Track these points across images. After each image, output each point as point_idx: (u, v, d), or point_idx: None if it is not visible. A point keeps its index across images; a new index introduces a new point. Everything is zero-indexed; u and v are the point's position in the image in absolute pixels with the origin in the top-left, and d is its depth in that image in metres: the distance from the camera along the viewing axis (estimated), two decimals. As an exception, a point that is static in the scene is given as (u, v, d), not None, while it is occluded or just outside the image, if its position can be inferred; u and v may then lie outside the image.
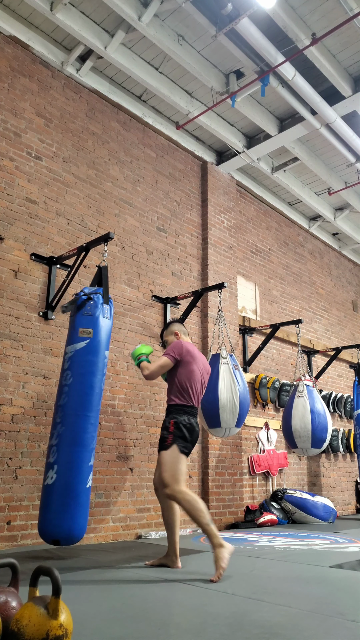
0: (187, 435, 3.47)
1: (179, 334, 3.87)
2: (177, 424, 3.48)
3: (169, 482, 3.33)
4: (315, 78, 5.80)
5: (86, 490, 3.68)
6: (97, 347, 3.86)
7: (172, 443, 3.43)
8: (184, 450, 3.44)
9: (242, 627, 2.11)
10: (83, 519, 3.65)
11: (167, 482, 3.33)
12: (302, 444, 5.89)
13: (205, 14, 4.94)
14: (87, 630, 2.05)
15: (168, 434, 3.47)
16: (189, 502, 3.25)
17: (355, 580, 3.06)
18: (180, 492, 3.30)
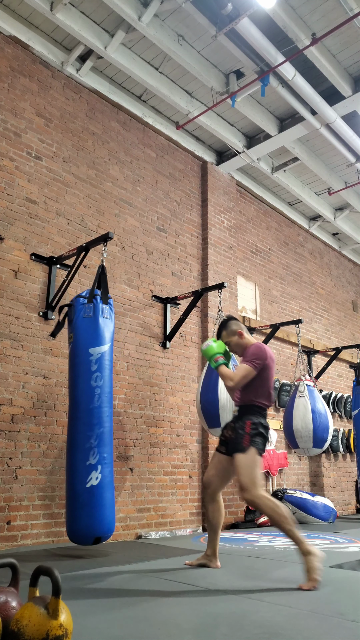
0: (263, 435, 3.29)
1: (243, 334, 3.54)
2: (254, 425, 3.28)
3: (248, 486, 3.13)
4: (315, 78, 5.80)
5: (87, 489, 3.68)
6: (78, 347, 3.93)
7: (250, 445, 3.22)
8: (261, 451, 3.26)
9: (242, 627, 2.11)
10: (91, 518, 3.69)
11: (246, 487, 3.14)
12: (303, 444, 5.88)
13: (205, 14, 4.94)
14: (87, 630, 2.05)
15: (244, 434, 3.25)
16: (271, 508, 3.07)
17: (355, 580, 3.06)
18: (261, 497, 3.11)
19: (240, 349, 3.54)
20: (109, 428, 3.89)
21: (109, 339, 3.99)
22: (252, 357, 3.36)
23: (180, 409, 5.96)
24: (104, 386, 3.89)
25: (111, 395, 3.97)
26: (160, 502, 5.50)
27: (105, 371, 3.93)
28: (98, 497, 3.71)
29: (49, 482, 4.56)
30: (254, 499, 3.12)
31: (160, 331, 5.97)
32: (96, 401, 3.85)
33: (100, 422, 3.84)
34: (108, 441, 3.86)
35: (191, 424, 6.04)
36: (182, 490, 5.75)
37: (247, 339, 3.54)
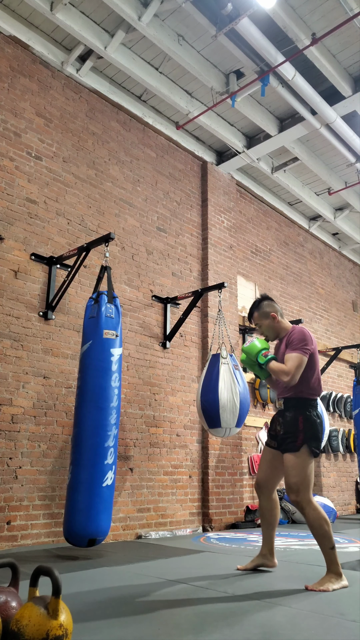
0: (319, 432, 3.02)
1: (276, 317, 3.27)
2: (308, 420, 3.01)
3: (299, 488, 2.93)
4: (315, 78, 5.80)
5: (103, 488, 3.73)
6: (101, 346, 3.95)
7: (303, 443, 2.98)
8: (315, 451, 3.02)
9: (242, 627, 2.11)
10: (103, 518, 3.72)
11: (295, 489, 2.94)
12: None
13: (205, 14, 4.94)
14: (87, 630, 2.05)
15: (298, 432, 3.00)
16: (317, 519, 2.90)
17: (355, 580, 3.06)
18: (312, 503, 2.91)
19: (273, 333, 3.29)
20: (118, 429, 4.00)
21: (121, 342, 4.11)
22: (300, 343, 3.08)
23: (180, 409, 5.96)
24: (119, 388, 4.01)
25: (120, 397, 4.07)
26: (160, 502, 5.50)
27: (120, 373, 4.05)
28: (111, 497, 3.80)
29: (49, 482, 4.56)
30: (302, 504, 2.94)
31: (160, 331, 5.97)
32: (115, 401, 3.93)
33: (117, 423, 3.93)
34: (117, 442, 3.95)
35: (191, 424, 6.04)
36: (182, 490, 5.75)
37: (282, 322, 3.27)
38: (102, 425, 3.82)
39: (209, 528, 5.81)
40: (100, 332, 3.96)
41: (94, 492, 3.69)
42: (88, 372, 3.95)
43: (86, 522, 3.69)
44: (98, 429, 3.82)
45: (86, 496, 3.70)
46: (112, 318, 4.02)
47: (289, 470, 3.00)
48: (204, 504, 5.91)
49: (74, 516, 3.69)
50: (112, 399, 3.89)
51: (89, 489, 3.71)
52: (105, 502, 3.72)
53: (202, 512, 5.86)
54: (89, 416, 3.87)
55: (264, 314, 3.29)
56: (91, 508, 3.70)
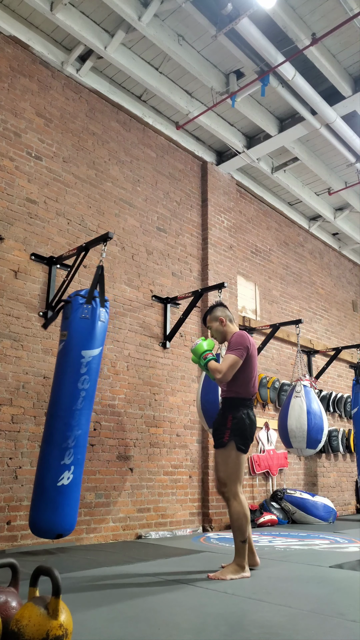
0: (247, 431, 3.25)
1: (224, 321, 3.55)
2: (236, 419, 3.24)
3: (226, 481, 3.18)
4: (315, 78, 5.80)
5: (57, 487, 3.66)
6: (70, 347, 3.87)
7: (230, 440, 3.21)
8: (241, 447, 3.23)
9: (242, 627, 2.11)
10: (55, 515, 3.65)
11: (223, 482, 3.19)
12: (297, 444, 5.88)
13: (205, 14, 4.94)
14: (87, 630, 2.05)
15: (225, 429, 3.23)
16: (237, 513, 3.12)
17: (355, 580, 3.06)
18: (237, 497, 3.14)
19: (220, 335, 3.56)
20: (87, 431, 3.87)
21: (101, 343, 3.96)
22: (235, 345, 3.34)
23: (180, 409, 5.96)
24: (89, 389, 3.86)
25: (93, 399, 3.94)
26: (160, 502, 5.50)
27: (93, 375, 3.90)
28: (67, 497, 3.69)
29: (49, 482, 4.55)
30: (229, 496, 3.19)
31: (160, 331, 5.97)
32: (80, 403, 3.81)
33: (80, 424, 3.80)
34: (83, 443, 3.83)
35: (191, 424, 6.04)
36: (182, 490, 5.75)
37: (229, 326, 3.53)
38: (61, 425, 3.76)
39: (209, 528, 5.81)
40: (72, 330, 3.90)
41: (44, 490, 3.68)
42: (57, 369, 3.96)
43: (31, 517, 3.71)
44: (54, 428, 3.78)
45: (35, 493, 3.73)
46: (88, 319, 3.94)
47: (217, 465, 3.27)
48: (204, 504, 5.91)
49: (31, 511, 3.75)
50: (77, 401, 3.80)
51: (38, 486, 3.72)
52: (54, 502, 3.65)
53: (202, 512, 5.86)
54: (50, 414, 3.88)
55: (214, 318, 3.62)
56: (36, 505, 3.69)
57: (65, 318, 4.01)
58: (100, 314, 3.96)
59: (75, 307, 3.94)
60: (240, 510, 3.15)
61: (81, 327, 3.89)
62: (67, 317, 3.98)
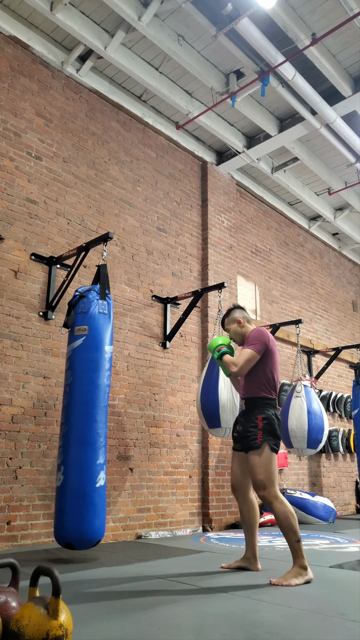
0: (277, 430, 3.20)
1: (242, 322, 3.51)
2: (266, 419, 3.18)
3: (265, 484, 3.08)
4: (315, 78, 5.80)
5: (96, 489, 3.60)
6: (95, 343, 3.82)
7: (263, 441, 3.14)
8: (274, 447, 3.17)
9: (242, 627, 2.11)
10: (96, 519, 3.57)
11: (262, 485, 3.09)
12: (297, 444, 5.89)
13: (205, 14, 4.94)
14: (87, 630, 2.05)
15: (257, 430, 3.16)
16: (285, 514, 3.04)
17: (355, 580, 3.06)
18: (279, 498, 3.07)
19: (239, 337, 3.52)
20: (83, 428, 3.75)
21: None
22: (253, 340, 3.31)
23: (180, 409, 5.96)
24: (110, 386, 3.91)
25: (90, 394, 3.82)
26: (160, 502, 5.49)
27: (110, 371, 3.94)
28: (103, 498, 3.66)
29: (49, 482, 4.55)
30: (270, 499, 3.07)
31: (160, 331, 5.97)
32: (106, 400, 3.82)
33: (106, 422, 3.83)
34: (78, 441, 3.72)
35: (191, 424, 6.04)
36: (182, 490, 5.75)
37: (247, 327, 3.50)
38: (94, 424, 3.67)
39: (209, 528, 5.81)
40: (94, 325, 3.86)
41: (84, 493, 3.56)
42: (80, 365, 3.80)
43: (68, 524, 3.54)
44: (87, 427, 3.68)
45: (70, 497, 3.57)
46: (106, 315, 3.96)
47: (255, 468, 3.15)
48: (204, 504, 5.91)
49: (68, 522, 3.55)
50: (105, 397, 3.78)
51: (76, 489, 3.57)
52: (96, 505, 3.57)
53: (202, 512, 5.86)
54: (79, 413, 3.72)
55: (232, 320, 3.58)
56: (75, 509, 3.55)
57: (81, 312, 3.90)
58: (111, 310, 4.03)
59: (92, 302, 3.91)
60: (286, 510, 3.05)
61: (101, 323, 3.88)
62: (83, 311, 3.89)
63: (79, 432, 3.67)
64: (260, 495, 3.12)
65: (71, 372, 3.83)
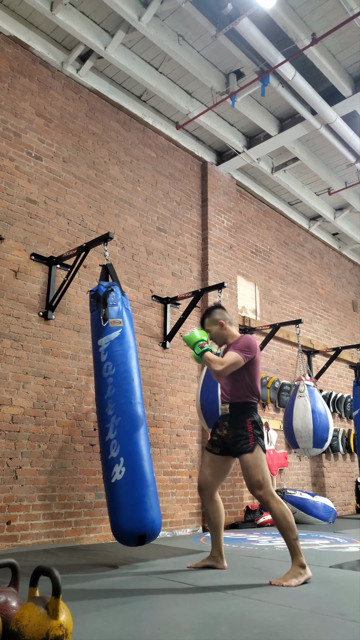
0: (262, 432, 3.30)
1: (224, 324, 3.50)
2: (254, 422, 3.27)
3: (262, 484, 3.13)
4: (315, 78, 5.80)
5: (154, 481, 3.60)
6: (129, 335, 3.95)
7: (255, 443, 3.22)
8: (264, 448, 3.28)
9: (242, 627, 2.11)
10: (159, 509, 3.58)
11: (259, 484, 3.14)
12: (303, 444, 5.88)
13: (205, 14, 4.94)
14: (87, 630, 2.05)
15: (248, 434, 3.24)
16: (282, 512, 3.08)
17: (355, 580, 3.06)
18: (275, 497, 3.13)
19: (220, 339, 3.51)
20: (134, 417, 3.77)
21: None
22: (243, 347, 3.32)
23: (180, 409, 5.96)
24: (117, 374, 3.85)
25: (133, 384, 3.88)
26: (161, 502, 5.49)
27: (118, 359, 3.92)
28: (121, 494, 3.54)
29: (49, 482, 4.55)
30: (267, 497, 3.12)
31: (160, 331, 5.97)
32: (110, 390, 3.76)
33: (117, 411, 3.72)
34: (133, 430, 3.73)
35: (191, 424, 6.04)
36: (182, 490, 5.75)
37: (229, 329, 3.50)
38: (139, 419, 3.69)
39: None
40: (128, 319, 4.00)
41: (148, 483, 3.52)
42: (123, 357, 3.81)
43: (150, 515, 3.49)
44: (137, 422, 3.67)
45: (140, 488, 3.52)
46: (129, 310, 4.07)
47: (250, 470, 3.18)
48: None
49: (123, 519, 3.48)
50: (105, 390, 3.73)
51: (147, 480, 3.55)
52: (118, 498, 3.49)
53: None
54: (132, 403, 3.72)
55: (213, 321, 3.52)
56: (146, 499, 3.50)
57: (113, 305, 3.93)
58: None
59: (119, 296, 3.99)
60: (283, 508, 3.09)
61: (129, 316, 4.01)
62: (115, 304, 3.93)
63: (132, 421, 3.63)
64: (258, 495, 3.16)
65: (112, 362, 3.78)
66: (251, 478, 3.17)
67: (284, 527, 3.07)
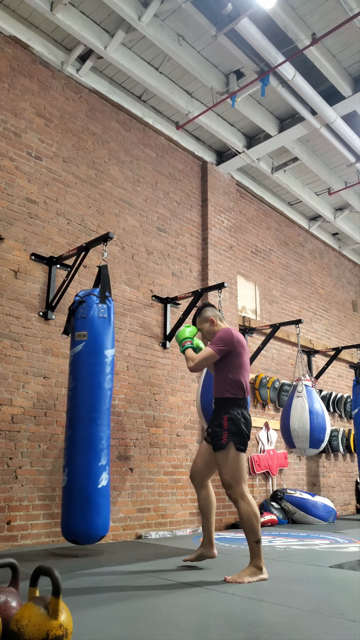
0: (244, 429, 3.22)
1: (215, 321, 3.51)
2: (231, 419, 3.21)
3: (231, 483, 3.14)
4: (315, 78, 5.80)
5: (98, 490, 3.72)
6: (95, 347, 3.91)
7: (228, 441, 3.18)
8: (240, 447, 3.21)
9: (242, 627, 2.11)
10: (99, 518, 3.71)
11: (228, 484, 3.14)
12: (300, 444, 5.89)
13: (205, 14, 4.94)
14: (87, 630, 2.05)
15: (222, 431, 3.20)
16: (248, 514, 3.08)
17: (355, 580, 3.06)
18: (245, 497, 3.13)
19: (212, 336, 3.53)
20: (85, 431, 3.89)
21: (114, 341, 4.08)
22: (217, 340, 3.33)
23: (180, 409, 5.96)
24: (112, 389, 3.99)
25: (92, 399, 3.94)
26: (160, 502, 5.49)
27: (112, 374, 4.02)
28: (105, 497, 3.79)
29: (49, 482, 4.55)
30: (236, 497, 3.15)
31: (160, 331, 5.97)
32: (107, 403, 3.91)
33: (109, 423, 3.92)
34: (109, 443, 3.95)
35: (191, 424, 6.04)
36: (182, 490, 5.75)
37: (220, 326, 3.52)
38: (95, 427, 3.80)
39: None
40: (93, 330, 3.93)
41: (86, 494, 3.71)
42: (81, 370, 3.92)
43: (73, 524, 3.73)
44: (89, 431, 3.81)
45: (75, 498, 3.73)
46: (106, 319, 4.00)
47: (220, 469, 3.21)
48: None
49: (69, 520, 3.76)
50: (106, 401, 3.88)
51: (79, 490, 3.73)
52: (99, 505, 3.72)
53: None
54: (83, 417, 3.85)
55: (204, 319, 3.56)
56: (79, 510, 3.72)
57: (80, 318, 3.98)
58: (113, 313, 4.07)
59: (92, 307, 3.97)
60: (249, 510, 3.10)
61: (101, 327, 3.95)
62: (83, 317, 3.97)
63: (82, 436, 3.81)
64: (227, 493, 3.20)
65: (73, 376, 3.97)
66: (221, 476, 3.21)
67: (247, 528, 3.10)
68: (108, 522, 3.82)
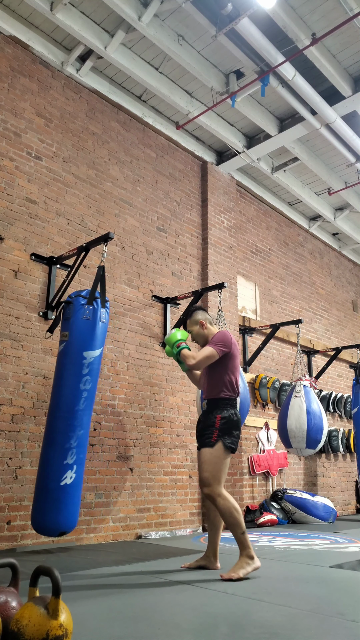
0: (234, 429, 3.27)
1: (205, 324, 3.57)
2: (224, 418, 3.26)
3: (210, 482, 3.17)
4: (315, 78, 5.80)
5: (61, 487, 3.75)
6: (73, 349, 3.93)
7: (218, 440, 3.21)
8: (230, 446, 3.24)
9: (242, 627, 2.11)
10: (60, 514, 3.75)
11: (207, 482, 3.17)
12: (296, 444, 5.90)
13: (205, 14, 4.94)
14: (87, 630, 2.05)
15: (214, 429, 3.23)
16: (229, 510, 3.12)
17: (355, 580, 3.06)
18: (222, 495, 3.15)
19: (202, 339, 3.58)
20: (88, 430, 3.97)
21: (102, 343, 4.03)
22: (218, 341, 3.38)
23: (180, 409, 5.96)
24: (91, 390, 3.95)
25: (94, 399, 4.04)
26: (160, 502, 5.49)
27: (94, 375, 3.97)
28: (70, 496, 3.80)
29: (49, 482, 4.55)
30: (214, 496, 3.16)
31: (160, 331, 5.97)
32: (82, 404, 3.89)
33: (82, 424, 3.90)
34: (85, 443, 3.94)
35: (191, 424, 6.04)
36: (182, 490, 5.75)
37: (210, 329, 3.58)
38: (63, 426, 3.83)
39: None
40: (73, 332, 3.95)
41: (47, 490, 3.77)
42: (57, 370, 4.01)
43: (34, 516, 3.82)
44: (56, 428, 3.86)
45: (38, 492, 3.82)
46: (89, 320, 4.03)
47: (202, 465, 3.23)
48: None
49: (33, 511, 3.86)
50: (79, 402, 3.87)
51: (42, 486, 3.81)
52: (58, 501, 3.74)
53: (202, 512, 5.86)
54: (52, 415, 3.93)
55: (194, 322, 3.61)
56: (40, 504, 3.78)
57: (66, 319, 4.05)
58: (101, 314, 4.01)
59: (76, 308, 3.99)
60: (229, 506, 3.14)
61: (83, 328, 3.95)
62: (68, 318, 4.03)
63: (48, 434, 3.93)
64: (205, 492, 3.21)
65: (54, 376, 4.08)
66: (200, 472, 3.22)
67: (230, 523, 3.13)
68: (72, 520, 3.82)
